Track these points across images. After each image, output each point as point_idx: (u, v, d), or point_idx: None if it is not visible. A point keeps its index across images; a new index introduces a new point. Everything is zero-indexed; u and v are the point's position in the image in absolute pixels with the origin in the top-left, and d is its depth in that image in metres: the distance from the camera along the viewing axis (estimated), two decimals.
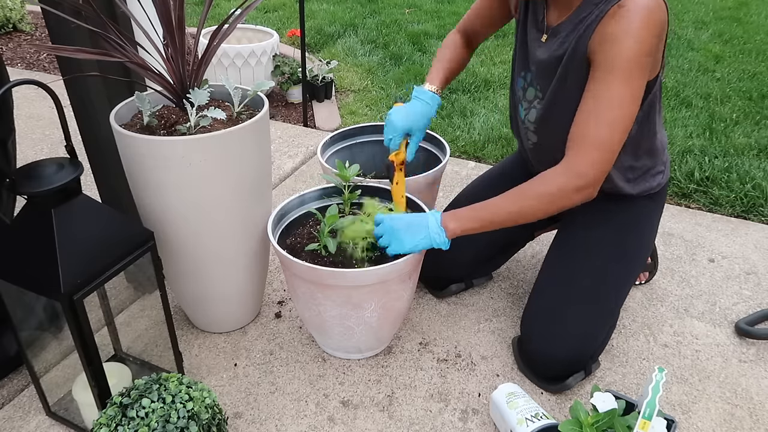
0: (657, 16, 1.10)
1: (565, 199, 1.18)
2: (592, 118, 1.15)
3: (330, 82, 3.05)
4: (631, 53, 1.10)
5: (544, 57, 1.28)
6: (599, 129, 1.15)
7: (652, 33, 1.10)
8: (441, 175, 1.67)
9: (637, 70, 1.12)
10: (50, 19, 1.29)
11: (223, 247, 1.34)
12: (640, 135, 1.32)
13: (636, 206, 1.43)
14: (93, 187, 1.54)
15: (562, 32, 1.24)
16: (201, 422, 1.04)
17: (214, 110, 1.22)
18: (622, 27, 1.10)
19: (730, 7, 4.46)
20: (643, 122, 1.30)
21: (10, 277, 1.07)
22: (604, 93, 1.14)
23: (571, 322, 1.32)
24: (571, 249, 1.43)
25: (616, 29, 1.11)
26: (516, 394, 1.24)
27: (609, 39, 1.12)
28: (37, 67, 3.40)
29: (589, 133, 1.16)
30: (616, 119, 1.14)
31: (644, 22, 1.09)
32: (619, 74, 1.12)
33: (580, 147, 1.17)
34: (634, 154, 1.35)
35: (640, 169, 1.38)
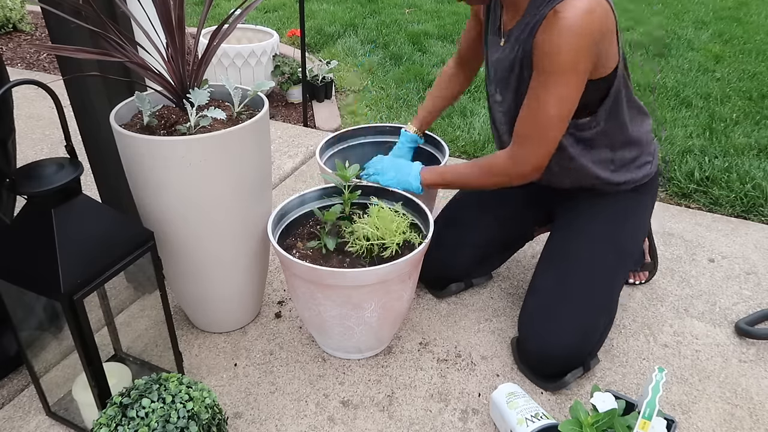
0: (591, 22, 1.14)
1: (506, 180, 1.35)
2: (533, 118, 1.25)
3: (330, 82, 3.05)
4: (564, 58, 1.16)
5: (500, 61, 1.35)
6: (538, 128, 1.25)
7: (585, 38, 1.15)
8: None
9: (570, 72, 1.18)
10: (50, 19, 1.29)
11: (223, 247, 1.34)
12: (611, 129, 1.36)
13: (625, 199, 1.45)
14: (93, 187, 1.54)
15: (513, 36, 1.29)
16: (201, 422, 1.04)
17: (214, 110, 1.22)
18: (554, 33, 1.16)
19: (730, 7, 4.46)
20: (611, 116, 1.34)
21: (10, 277, 1.07)
22: (542, 94, 1.22)
23: (567, 319, 1.32)
24: (564, 245, 1.44)
25: (549, 35, 1.17)
26: (516, 394, 1.24)
27: (544, 44, 1.18)
28: (37, 67, 3.40)
29: (528, 130, 1.27)
30: (552, 118, 1.23)
31: (576, 29, 1.14)
32: (553, 77, 1.19)
33: (522, 142, 1.29)
34: (610, 148, 1.39)
35: (621, 161, 1.42)
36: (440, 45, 3.77)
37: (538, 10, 1.21)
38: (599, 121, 1.33)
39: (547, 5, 1.19)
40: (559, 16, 1.15)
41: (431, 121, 1.72)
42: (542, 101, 1.22)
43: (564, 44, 1.15)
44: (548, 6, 1.18)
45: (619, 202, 1.45)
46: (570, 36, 1.14)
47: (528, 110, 1.26)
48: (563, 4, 1.15)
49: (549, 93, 1.20)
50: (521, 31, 1.27)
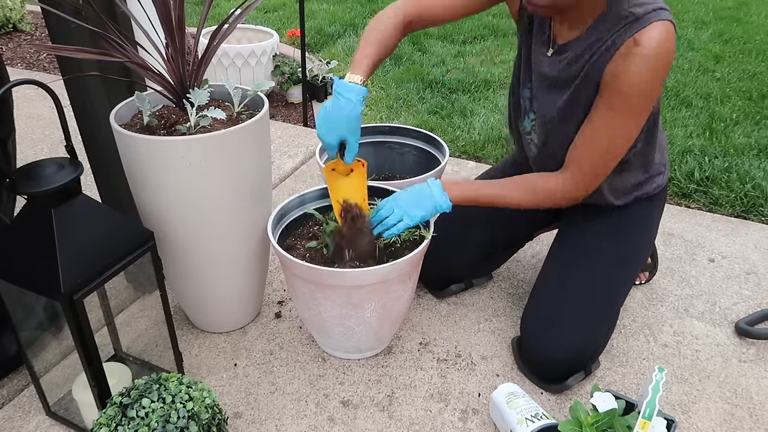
0: (668, 52, 1.10)
1: (553, 203, 1.31)
2: (591, 146, 1.22)
3: (330, 82, 3.05)
4: (640, 92, 1.12)
5: (550, 73, 1.27)
6: (596, 158, 1.23)
7: (663, 69, 1.12)
8: (440, 176, 1.67)
9: (646, 105, 1.15)
10: (50, 19, 1.29)
11: (223, 247, 1.34)
12: (645, 151, 1.34)
13: (635, 207, 1.43)
14: (93, 187, 1.54)
15: (570, 51, 1.22)
16: (201, 422, 1.04)
17: (214, 110, 1.22)
18: (635, 66, 1.10)
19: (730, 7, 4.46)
20: (648, 138, 1.32)
21: (10, 277, 1.07)
22: (611, 124, 1.18)
23: (571, 324, 1.32)
24: (571, 250, 1.43)
25: (629, 68, 1.11)
26: (516, 394, 1.24)
27: (621, 75, 1.12)
28: (37, 67, 3.40)
29: (586, 161, 1.24)
30: (616, 149, 1.21)
31: (657, 61, 1.10)
32: (628, 109, 1.15)
33: (578, 169, 1.26)
34: (643, 167, 1.37)
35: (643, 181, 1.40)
36: (440, 45, 3.77)
37: (608, 33, 1.14)
38: (638, 142, 1.29)
39: (623, 31, 1.12)
40: (643, 46, 1.09)
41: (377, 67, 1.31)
42: (613, 133, 1.18)
43: (646, 75, 1.10)
44: (625, 33, 1.11)
45: (628, 211, 1.43)
46: (652, 68, 1.10)
47: (594, 140, 1.21)
48: (643, 33, 1.09)
49: (621, 125, 1.17)
50: (582, 53, 1.19)
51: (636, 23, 1.10)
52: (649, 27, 1.09)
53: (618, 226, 1.42)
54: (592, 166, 1.25)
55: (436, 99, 3.02)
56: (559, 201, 1.31)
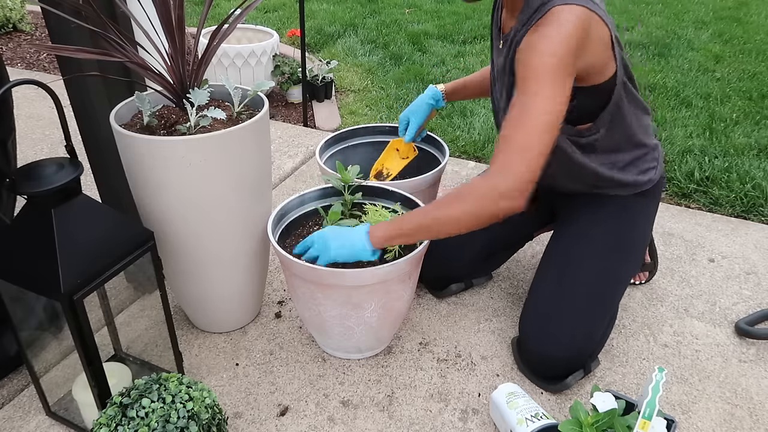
0: (568, 29, 1.12)
1: (492, 204, 1.14)
2: (514, 124, 1.16)
3: (330, 82, 3.05)
4: (544, 65, 1.13)
5: (499, 63, 1.36)
6: (521, 134, 1.14)
7: (561, 45, 1.13)
8: (440, 176, 1.68)
9: (552, 79, 1.13)
10: (50, 19, 1.29)
11: (223, 247, 1.34)
12: (613, 135, 1.35)
13: (629, 204, 1.44)
14: (93, 187, 1.54)
15: (508, 39, 1.29)
16: (201, 422, 1.04)
17: (214, 110, 1.22)
18: (532, 44, 1.15)
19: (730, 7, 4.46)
20: (613, 122, 1.33)
21: (10, 277, 1.07)
22: (524, 101, 1.16)
23: (569, 322, 1.32)
24: (567, 248, 1.43)
25: (528, 46, 1.16)
26: (516, 394, 1.24)
27: (522, 56, 1.17)
28: (37, 67, 3.40)
29: (513, 138, 1.15)
30: (535, 125, 1.14)
31: (553, 37, 1.13)
32: (534, 84, 1.14)
33: (506, 151, 1.15)
34: (613, 151, 1.39)
35: (623, 161, 1.41)
36: (440, 45, 3.77)
37: (527, 19, 1.21)
38: (599, 128, 1.32)
39: (534, 15, 1.18)
40: (538, 29, 1.15)
41: (461, 95, 1.72)
42: (522, 112, 1.15)
43: (545, 49, 1.13)
44: (535, 17, 1.17)
45: (623, 207, 1.44)
46: (551, 42, 1.12)
47: (508, 122, 1.17)
48: (544, 17, 1.15)
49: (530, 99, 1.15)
50: (512, 37, 1.26)
51: (543, 7, 1.17)
52: (550, 11, 1.14)
53: (612, 222, 1.43)
54: (517, 147, 1.13)
55: None
56: (497, 201, 1.14)
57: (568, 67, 1.15)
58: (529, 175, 1.14)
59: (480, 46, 3.76)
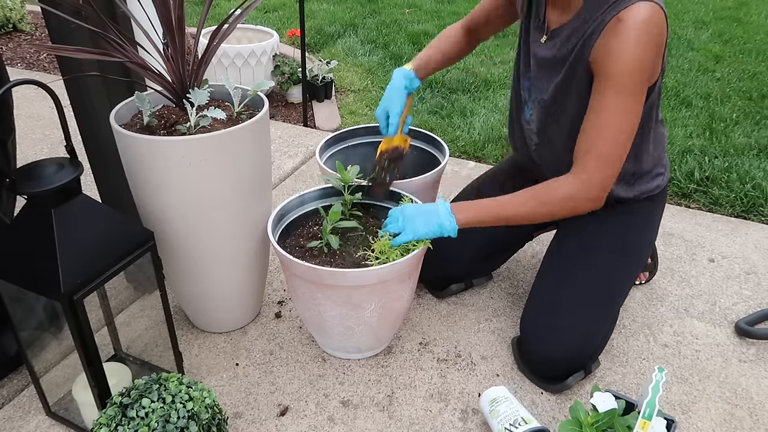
0: (655, 29, 1.12)
1: (576, 208, 1.25)
2: (597, 131, 1.19)
3: (330, 82, 3.05)
4: (630, 68, 1.13)
5: (544, 57, 1.30)
6: (604, 142, 1.19)
7: (649, 47, 1.12)
8: (440, 176, 1.67)
9: (637, 83, 1.15)
10: (50, 19, 1.29)
11: (223, 247, 1.34)
12: (640, 141, 1.33)
13: (636, 208, 1.43)
14: (93, 187, 1.54)
15: (562, 35, 1.25)
16: (201, 422, 1.04)
17: (214, 110, 1.22)
18: (621, 42, 1.12)
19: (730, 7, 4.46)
20: (643, 128, 1.31)
21: (10, 277, 1.07)
22: (607, 107, 1.17)
23: (570, 323, 1.32)
24: (571, 249, 1.43)
25: (615, 45, 1.13)
26: (497, 400, 1.23)
27: (609, 54, 1.14)
28: (37, 67, 3.40)
29: (595, 147, 1.20)
30: (619, 132, 1.18)
31: (642, 37, 1.11)
32: (620, 89, 1.15)
33: (588, 160, 1.21)
34: (635, 158, 1.36)
35: (639, 173, 1.39)
36: None
37: (595, 14, 1.17)
38: None
39: (608, 11, 1.14)
40: (626, 23, 1.11)
41: (431, 71, 1.56)
42: (608, 112, 1.16)
43: (631, 52, 1.11)
44: (609, 12, 1.14)
45: (628, 210, 1.42)
46: (636, 44, 1.11)
47: (590, 126, 1.20)
48: (626, 11, 1.11)
49: (614, 104, 1.15)
50: (572, 34, 1.22)
51: (620, 3, 1.14)
52: (632, 6, 1.12)
53: (619, 225, 1.42)
54: (600, 155, 1.20)
55: (436, 99, 3.02)
56: (580, 203, 1.24)
57: (651, 75, 1.15)
58: (609, 181, 1.23)
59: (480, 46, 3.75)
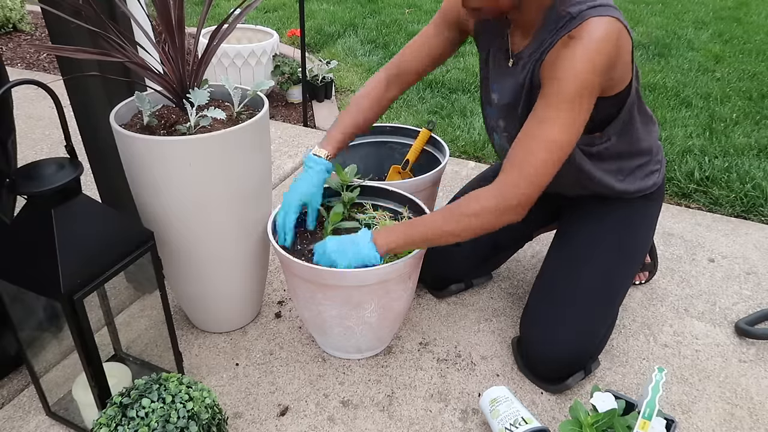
0: (607, 44, 1.10)
1: (494, 220, 1.18)
2: (531, 142, 1.15)
3: (330, 82, 3.05)
4: (574, 85, 1.11)
5: (506, 85, 1.29)
6: (536, 155, 1.14)
7: (598, 63, 1.10)
8: (440, 176, 1.68)
9: (579, 99, 1.12)
10: (50, 19, 1.29)
11: (223, 247, 1.34)
12: (622, 142, 1.33)
13: (633, 206, 1.43)
14: (93, 187, 1.54)
15: (523, 59, 1.24)
16: (201, 422, 1.04)
17: (214, 110, 1.22)
18: (567, 58, 1.11)
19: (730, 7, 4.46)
20: (622, 132, 1.32)
21: (10, 277, 1.07)
22: (546, 120, 1.14)
23: (570, 323, 1.32)
24: (570, 249, 1.43)
25: (562, 60, 1.12)
26: (498, 400, 1.23)
27: (555, 68, 1.13)
28: (37, 67, 3.40)
29: (526, 158, 1.15)
30: (553, 146, 1.14)
31: (589, 53, 1.10)
32: (561, 104, 1.12)
33: (516, 170, 1.16)
34: (618, 158, 1.36)
35: (629, 169, 1.40)
36: None
37: (550, 34, 1.16)
38: (610, 136, 1.30)
39: (562, 29, 1.14)
40: (576, 39, 1.10)
41: (351, 140, 1.46)
42: (545, 126, 1.13)
43: (576, 68, 1.10)
44: (564, 29, 1.13)
45: (626, 209, 1.43)
46: (584, 61, 1.09)
47: (526, 135, 1.16)
48: (578, 29, 1.11)
49: (554, 118, 1.13)
50: (531, 55, 1.21)
51: (572, 21, 1.13)
52: (585, 22, 1.11)
53: (616, 225, 1.42)
54: (529, 167, 1.15)
55: (436, 99, 3.02)
56: (498, 214, 1.17)
57: (595, 87, 1.13)
58: (534, 196, 1.17)
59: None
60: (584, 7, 1.12)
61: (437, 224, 1.21)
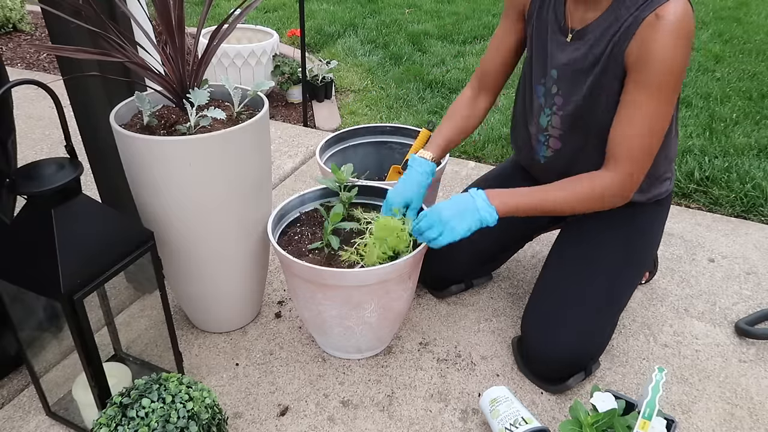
0: (689, 26, 1.11)
1: (602, 202, 1.25)
2: (634, 129, 1.18)
3: (330, 82, 3.05)
4: (672, 67, 1.12)
5: (570, 59, 1.27)
6: (642, 141, 1.19)
7: (687, 44, 1.12)
8: (440, 176, 1.68)
9: (675, 82, 1.15)
10: (50, 19, 1.29)
11: (223, 247, 1.34)
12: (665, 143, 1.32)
13: (643, 211, 1.42)
14: (93, 187, 1.54)
15: (590, 35, 1.22)
16: (201, 422, 1.04)
17: (214, 110, 1.22)
18: (660, 41, 1.11)
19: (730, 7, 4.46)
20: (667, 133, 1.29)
21: (10, 277, 1.07)
22: (646, 106, 1.16)
23: (572, 324, 1.31)
24: (575, 250, 1.43)
25: (654, 43, 1.11)
26: (498, 400, 1.23)
27: (649, 52, 1.12)
28: (37, 67, 3.40)
29: (632, 145, 1.20)
30: (656, 131, 1.18)
31: (682, 35, 1.10)
32: (661, 88, 1.14)
33: (623, 157, 1.21)
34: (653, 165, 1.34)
35: (653, 176, 1.37)
36: (440, 45, 3.77)
37: (628, 11, 1.15)
38: None
39: (644, 8, 1.13)
40: (666, 20, 1.09)
41: (452, 147, 1.49)
42: (647, 111, 1.15)
43: (672, 50, 1.10)
44: (646, 9, 1.12)
45: (635, 212, 1.41)
46: (677, 43, 1.10)
47: (635, 126, 1.17)
48: (664, 8, 1.10)
49: (653, 103, 1.14)
50: (603, 31, 1.19)
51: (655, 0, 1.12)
52: (668, 3, 1.11)
53: (624, 227, 1.41)
54: (636, 154, 1.19)
55: (436, 99, 3.02)
56: (609, 199, 1.25)
57: (684, 70, 1.14)
58: (639, 182, 1.24)
59: (480, 46, 3.76)
60: None
61: (549, 197, 1.26)
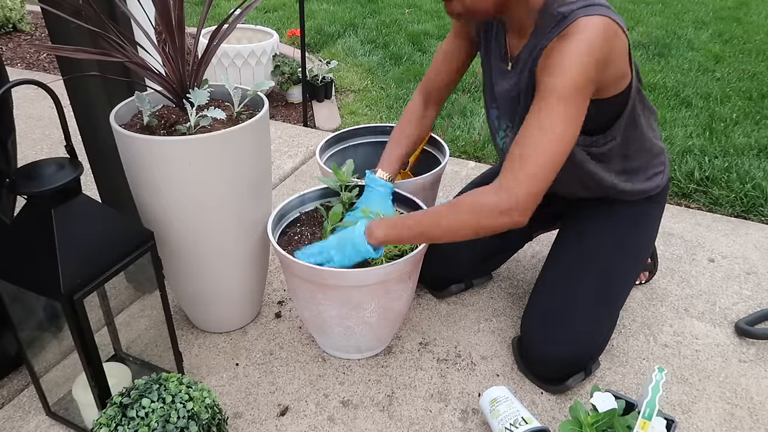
0: (599, 41, 1.09)
1: (492, 219, 1.14)
2: (528, 144, 1.13)
3: (330, 82, 3.05)
4: (567, 82, 1.10)
5: (506, 87, 1.30)
6: (534, 157, 1.12)
7: (588, 60, 1.09)
8: (440, 176, 1.67)
9: (573, 95, 1.11)
10: (50, 19, 1.29)
11: (223, 247, 1.34)
12: (626, 142, 1.33)
13: (637, 208, 1.43)
14: (93, 187, 1.54)
15: (520, 63, 1.25)
16: (201, 422, 1.04)
17: (214, 110, 1.22)
18: (558, 57, 1.11)
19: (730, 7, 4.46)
20: (627, 130, 1.31)
21: (10, 277, 1.07)
22: (543, 119, 1.12)
23: (572, 324, 1.32)
24: (573, 250, 1.43)
25: (553, 59, 1.12)
26: (498, 400, 1.23)
27: (547, 67, 1.13)
28: (37, 67, 3.40)
29: (525, 159, 1.12)
30: (551, 145, 1.12)
31: (580, 52, 1.09)
32: (554, 106, 1.11)
33: (516, 169, 1.13)
34: (623, 157, 1.36)
35: (633, 169, 1.39)
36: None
37: (545, 35, 1.17)
38: (615, 136, 1.30)
39: (555, 29, 1.14)
40: (563, 41, 1.11)
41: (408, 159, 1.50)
42: (542, 123, 1.12)
43: (568, 66, 1.09)
44: (557, 29, 1.14)
45: (630, 210, 1.42)
46: (575, 58, 1.09)
47: (525, 133, 1.14)
48: (568, 29, 1.11)
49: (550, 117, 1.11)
50: (527, 59, 1.22)
51: (564, 21, 1.13)
52: (574, 22, 1.11)
53: (620, 226, 1.42)
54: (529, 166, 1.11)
55: None
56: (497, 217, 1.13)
57: (589, 86, 1.12)
58: (535, 198, 1.13)
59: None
60: (575, 7, 1.12)
61: (432, 220, 1.18)
